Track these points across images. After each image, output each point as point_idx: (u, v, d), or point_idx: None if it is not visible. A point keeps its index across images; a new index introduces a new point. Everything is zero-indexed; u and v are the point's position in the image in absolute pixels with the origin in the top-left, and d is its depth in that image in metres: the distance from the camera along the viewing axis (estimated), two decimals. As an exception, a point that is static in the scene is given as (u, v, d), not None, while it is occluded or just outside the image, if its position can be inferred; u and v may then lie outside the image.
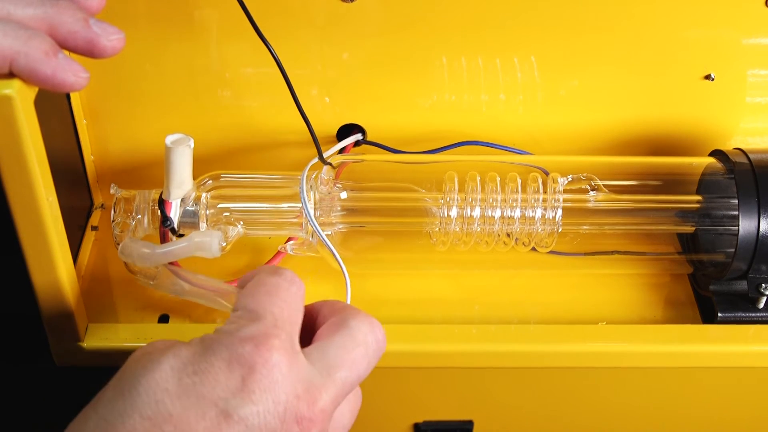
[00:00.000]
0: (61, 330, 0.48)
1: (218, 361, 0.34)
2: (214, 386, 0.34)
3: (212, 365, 0.34)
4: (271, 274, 0.39)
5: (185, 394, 0.33)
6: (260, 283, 0.39)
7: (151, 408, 0.33)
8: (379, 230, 0.55)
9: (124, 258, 0.50)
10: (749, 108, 0.60)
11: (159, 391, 0.33)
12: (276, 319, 0.37)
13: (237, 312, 0.38)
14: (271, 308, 0.37)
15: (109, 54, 0.40)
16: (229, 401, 0.33)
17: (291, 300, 0.38)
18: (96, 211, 0.60)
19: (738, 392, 0.60)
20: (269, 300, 0.38)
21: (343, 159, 0.56)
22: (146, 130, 0.59)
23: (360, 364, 0.38)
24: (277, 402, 0.34)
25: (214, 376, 0.34)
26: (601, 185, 0.55)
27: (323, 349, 0.38)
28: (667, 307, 0.57)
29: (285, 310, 0.38)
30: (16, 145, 0.39)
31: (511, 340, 0.52)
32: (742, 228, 0.52)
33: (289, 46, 0.55)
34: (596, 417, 0.61)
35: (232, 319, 0.37)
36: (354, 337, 0.38)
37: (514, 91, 0.59)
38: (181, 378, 0.34)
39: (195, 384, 0.34)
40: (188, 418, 0.33)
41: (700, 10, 0.56)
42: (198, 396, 0.33)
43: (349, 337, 0.38)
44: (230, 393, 0.34)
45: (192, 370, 0.34)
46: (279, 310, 0.37)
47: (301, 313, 0.39)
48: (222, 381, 0.34)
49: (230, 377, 0.34)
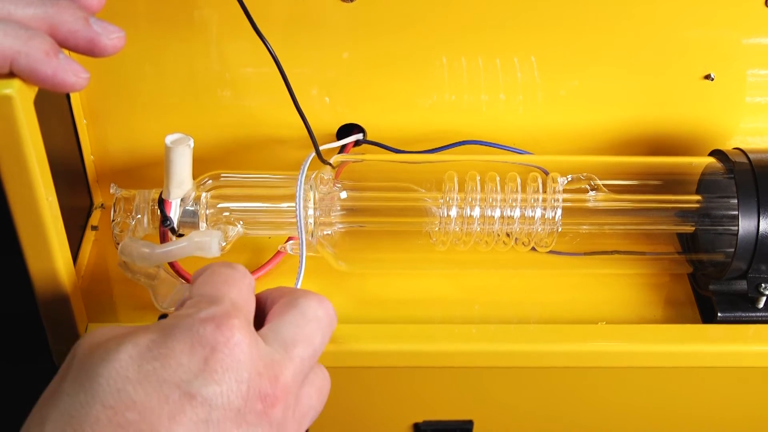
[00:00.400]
0: (61, 330, 0.48)
1: (179, 344, 0.34)
2: (176, 369, 0.34)
3: (173, 349, 0.34)
4: (223, 266, 0.40)
5: (146, 379, 0.33)
6: (214, 272, 0.40)
7: (113, 397, 0.33)
8: (379, 230, 0.55)
9: (124, 257, 0.50)
10: (749, 108, 0.60)
11: (120, 379, 0.33)
12: (233, 302, 0.37)
13: (193, 299, 0.38)
14: (228, 293, 0.38)
15: (110, 53, 0.40)
16: (192, 383, 0.34)
17: (245, 289, 0.39)
18: (96, 210, 0.60)
19: (738, 392, 0.60)
20: (225, 287, 0.38)
21: (343, 159, 0.57)
22: (146, 130, 0.59)
23: (314, 338, 0.39)
24: (239, 380, 0.34)
25: (176, 359, 0.34)
26: (601, 185, 0.55)
27: (276, 328, 0.38)
28: (667, 307, 0.57)
29: (240, 297, 0.38)
30: (16, 145, 0.39)
31: (511, 340, 0.52)
32: (742, 228, 0.52)
33: (288, 46, 0.55)
34: (596, 417, 0.61)
35: (189, 304, 0.37)
36: (304, 313, 0.39)
37: (514, 91, 0.59)
38: (141, 365, 0.34)
39: (156, 369, 0.34)
40: (151, 404, 0.33)
41: (700, 10, 0.56)
42: (160, 380, 0.33)
43: (300, 315, 0.39)
44: (192, 374, 0.34)
45: (152, 356, 0.34)
46: (235, 295, 0.38)
47: (253, 303, 0.40)
48: (184, 363, 0.34)
49: (192, 359, 0.34)
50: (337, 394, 0.60)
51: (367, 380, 0.57)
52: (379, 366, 0.53)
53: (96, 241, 0.59)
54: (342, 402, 0.60)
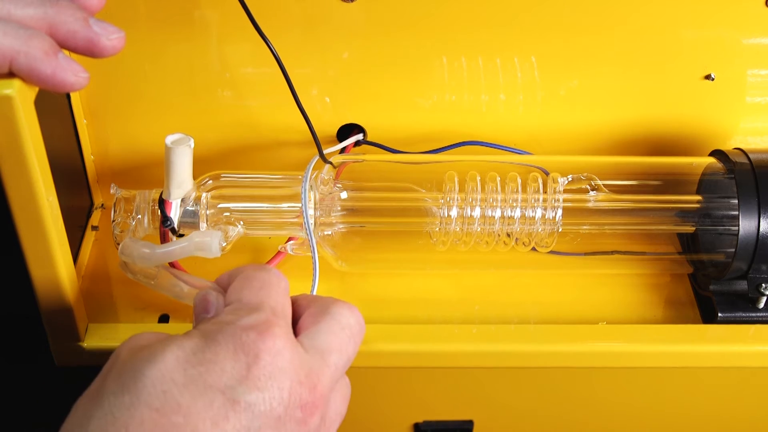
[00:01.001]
0: (61, 330, 0.48)
1: (223, 350, 0.35)
2: (221, 375, 0.34)
3: (217, 354, 0.34)
4: (259, 269, 0.40)
5: (192, 383, 0.34)
6: (251, 277, 0.40)
7: (159, 399, 0.33)
8: (379, 230, 0.55)
9: (124, 258, 0.50)
10: (749, 108, 0.60)
11: (166, 382, 0.33)
12: (273, 309, 0.37)
13: (232, 305, 0.38)
14: (267, 300, 0.38)
15: (110, 53, 0.40)
16: (236, 389, 0.34)
17: (282, 293, 0.39)
18: (96, 211, 0.60)
19: (738, 392, 0.60)
20: (264, 292, 0.38)
21: (344, 159, 0.57)
22: (146, 130, 0.59)
23: (348, 346, 0.39)
24: (281, 388, 0.35)
25: (220, 365, 0.34)
26: (601, 185, 0.55)
27: (312, 336, 0.38)
28: (667, 307, 0.57)
29: (279, 302, 0.38)
30: (16, 145, 0.39)
31: (511, 340, 0.52)
32: (743, 228, 0.52)
33: (289, 46, 0.55)
34: (596, 417, 0.61)
35: (228, 311, 0.38)
36: (339, 321, 0.39)
37: (514, 91, 0.59)
38: (187, 369, 0.34)
39: (201, 374, 0.34)
40: (197, 407, 0.33)
41: (700, 10, 0.56)
42: (205, 385, 0.34)
43: (334, 322, 0.39)
44: (236, 381, 0.34)
45: (197, 360, 0.34)
46: (274, 301, 0.38)
47: (290, 306, 0.40)
48: (228, 369, 0.34)
49: (236, 366, 0.34)
50: (337, 394, 0.60)
51: (367, 380, 0.57)
52: (379, 366, 0.53)
53: (96, 241, 0.59)
54: (342, 402, 0.60)
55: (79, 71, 0.39)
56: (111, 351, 0.49)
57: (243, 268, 0.41)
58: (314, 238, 0.52)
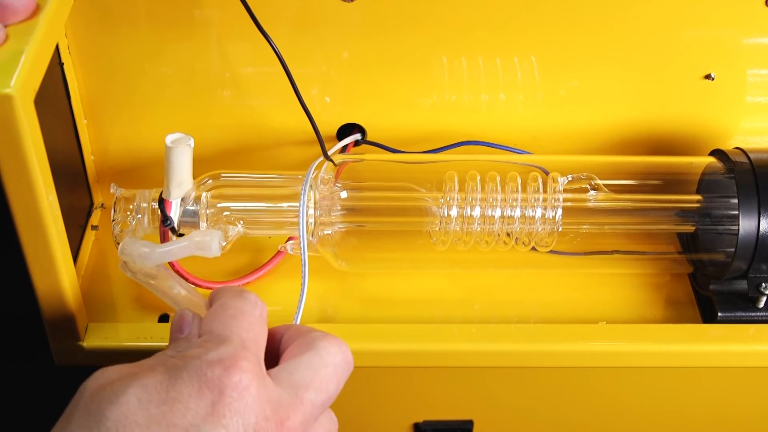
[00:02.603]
0: (61, 330, 0.48)
1: (187, 387, 0.34)
2: (184, 413, 0.33)
3: (181, 393, 0.34)
4: (235, 297, 0.39)
5: (155, 424, 0.33)
6: (225, 306, 0.39)
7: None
8: (379, 230, 0.55)
9: (124, 257, 0.50)
10: (749, 108, 0.60)
11: (128, 423, 0.33)
12: (243, 341, 0.37)
13: (203, 336, 0.37)
14: (238, 330, 0.37)
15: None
16: (200, 427, 0.33)
17: (256, 323, 0.38)
18: (96, 210, 0.60)
19: (738, 392, 0.60)
20: (234, 323, 0.38)
21: (344, 158, 0.57)
22: (146, 130, 0.59)
23: (329, 384, 0.38)
24: (246, 424, 0.34)
25: (183, 403, 0.34)
26: (601, 185, 0.55)
27: (291, 369, 0.38)
28: (667, 306, 0.57)
29: (251, 332, 0.37)
30: (16, 145, 0.39)
31: (511, 340, 0.52)
32: (742, 227, 0.52)
33: (289, 46, 0.55)
34: (596, 417, 0.61)
35: (198, 343, 0.37)
36: (322, 357, 0.38)
37: (514, 91, 0.59)
38: (149, 408, 0.33)
39: (164, 413, 0.33)
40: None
41: (700, 10, 0.56)
42: (168, 424, 0.33)
43: (317, 358, 0.38)
44: (200, 418, 0.33)
45: (159, 400, 0.34)
46: (245, 332, 0.37)
47: (265, 336, 0.39)
48: (192, 407, 0.34)
49: (200, 403, 0.34)
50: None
51: (367, 380, 0.57)
52: (379, 366, 0.53)
53: (96, 241, 0.59)
54: (342, 402, 0.60)
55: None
56: (111, 351, 0.50)
57: (222, 291, 0.40)
58: (306, 238, 0.52)
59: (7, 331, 0.69)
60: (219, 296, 0.40)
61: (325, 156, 0.54)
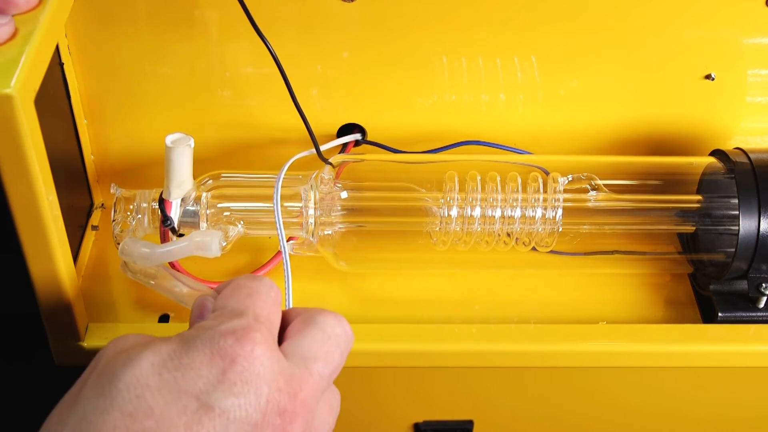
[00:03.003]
0: (61, 330, 0.48)
1: (199, 355, 0.34)
2: (196, 380, 0.34)
3: (193, 359, 0.34)
4: (250, 279, 0.40)
5: (166, 388, 0.33)
6: (239, 285, 0.39)
7: (132, 404, 0.33)
8: (380, 230, 0.55)
9: (124, 257, 0.50)
10: (749, 108, 0.60)
11: (140, 386, 0.33)
12: (257, 315, 0.37)
13: (216, 311, 0.38)
14: (252, 307, 0.38)
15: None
16: (210, 394, 0.33)
17: (270, 303, 0.39)
18: (96, 210, 0.60)
19: (738, 392, 0.60)
20: (249, 301, 0.38)
21: (344, 158, 0.57)
22: (146, 130, 0.59)
23: (333, 355, 0.38)
24: (258, 394, 0.34)
25: (195, 370, 0.34)
26: (601, 185, 0.55)
27: (296, 344, 0.38)
28: (667, 307, 0.57)
29: (264, 310, 0.38)
30: (16, 145, 0.39)
31: (511, 340, 0.52)
32: (743, 228, 0.52)
33: (289, 46, 0.55)
34: (596, 417, 0.61)
35: (212, 317, 0.37)
36: (324, 330, 0.39)
37: (514, 91, 0.59)
38: (161, 373, 0.34)
39: (176, 378, 0.34)
40: (170, 413, 0.33)
41: (700, 10, 0.56)
42: (179, 390, 0.33)
43: (319, 331, 0.39)
44: (211, 386, 0.34)
45: (173, 365, 0.34)
46: (259, 309, 0.38)
47: (279, 316, 0.39)
48: (203, 374, 0.34)
49: (211, 370, 0.34)
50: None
51: (367, 380, 0.57)
52: (379, 366, 0.53)
53: (96, 241, 0.59)
54: (342, 402, 0.60)
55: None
56: (111, 351, 0.50)
57: (235, 278, 0.41)
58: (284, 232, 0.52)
59: (7, 331, 0.69)
60: (233, 279, 0.40)
61: (319, 155, 0.54)
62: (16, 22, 0.41)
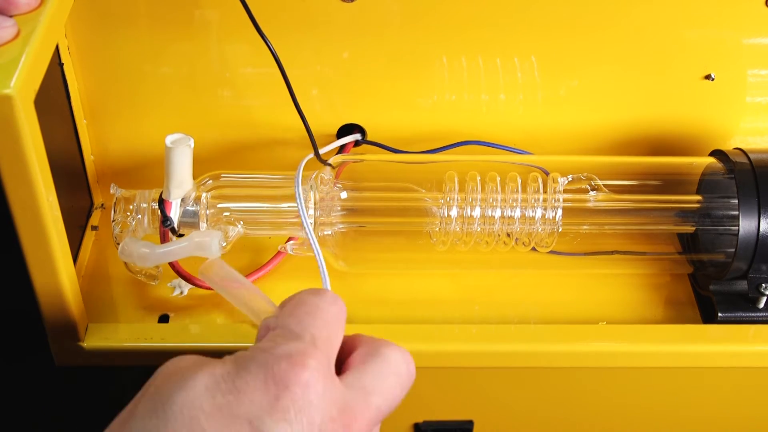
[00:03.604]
0: (61, 330, 0.48)
1: (253, 380, 0.34)
2: (249, 406, 0.33)
3: (247, 384, 0.34)
4: (312, 294, 0.39)
5: (219, 412, 0.33)
6: (301, 302, 0.38)
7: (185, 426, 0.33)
8: (379, 230, 0.55)
9: (124, 258, 0.50)
10: (749, 108, 0.60)
11: (193, 409, 0.33)
12: (315, 339, 0.36)
13: (275, 330, 0.37)
14: (311, 328, 0.37)
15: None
16: (264, 420, 0.33)
17: (332, 321, 0.38)
18: (96, 211, 0.60)
19: (738, 392, 0.60)
20: (309, 320, 0.37)
21: (343, 159, 0.57)
22: (146, 130, 0.59)
23: (394, 391, 0.38)
24: (311, 423, 0.34)
25: (248, 395, 0.34)
26: (601, 185, 0.55)
27: (359, 375, 0.37)
28: (667, 307, 0.57)
29: (324, 331, 0.37)
30: (16, 145, 0.39)
31: (511, 340, 0.52)
32: (743, 228, 0.52)
33: (289, 46, 0.55)
34: (596, 417, 0.61)
35: (269, 337, 0.37)
36: (389, 364, 0.38)
37: (514, 91, 0.59)
38: (215, 396, 0.33)
39: (229, 403, 0.33)
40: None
41: (700, 10, 0.56)
42: (232, 415, 0.33)
43: (384, 364, 0.38)
44: (265, 412, 0.33)
45: (226, 389, 0.34)
46: (318, 330, 0.37)
47: (340, 336, 0.38)
48: (256, 400, 0.33)
49: (264, 396, 0.34)
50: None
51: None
52: (379, 366, 0.53)
53: (96, 241, 0.59)
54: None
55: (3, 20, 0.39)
56: (111, 351, 0.50)
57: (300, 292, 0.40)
58: (312, 232, 0.52)
59: (7, 332, 0.69)
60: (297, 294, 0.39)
61: (317, 157, 0.54)
62: (16, 22, 0.41)
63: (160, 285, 0.55)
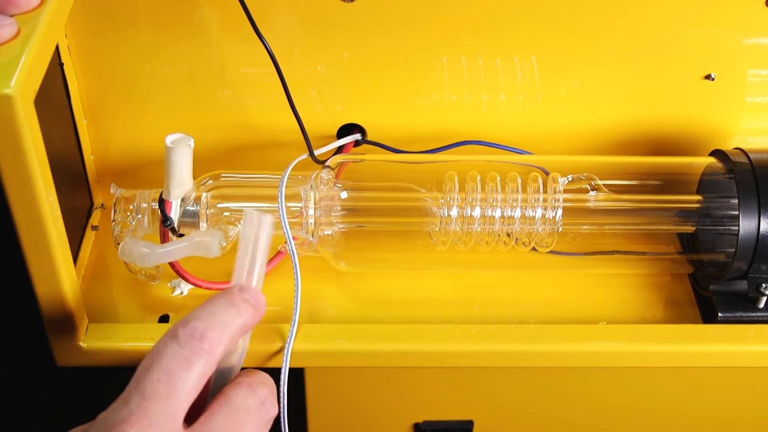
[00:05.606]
0: (61, 330, 0.48)
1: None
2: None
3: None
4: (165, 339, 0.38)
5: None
6: (153, 350, 0.38)
7: None
8: (380, 230, 0.55)
9: (124, 258, 0.50)
10: (749, 108, 0.60)
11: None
12: (145, 397, 0.36)
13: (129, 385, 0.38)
14: (143, 383, 0.37)
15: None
16: None
17: (174, 370, 0.37)
18: (96, 210, 0.60)
19: (738, 392, 0.60)
20: (144, 372, 0.37)
21: (343, 159, 0.57)
22: (146, 130, 0.59)
23: (243, 425, 0.39)
24: None
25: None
26: (601, 185, 0.55)
27: (206, 424, 0.38)
28: (667, 307, 0.57)
29: (163, 385, 0.37)
30: (16, 145, 0.39)
31: (511, 340, 0.52)
32: (743, 228, 0.52)
33: (289, 46, 0.55)
34: (596, 417, 0.61)
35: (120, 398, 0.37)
36: (232, 403, 0.39)
37: (514, 91, 0.59)
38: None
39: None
40: None
41: (700, 10, 0.56)
42: None
43: (228, 406, 0.39)
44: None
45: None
46: (152, 384, 0.37)
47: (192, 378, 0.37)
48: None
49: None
50: (337, 394, 0.60)
51: (367, 380, 0.57)
52: (379, 366, 0.53)
53: (96, 241, 0.59)
54: (342, 402, 0.60)
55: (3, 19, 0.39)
56: (111, 351, 0.50)
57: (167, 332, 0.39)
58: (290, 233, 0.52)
59: (7, 332, 0.69)
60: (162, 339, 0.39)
61: (312, 157, 0.54)
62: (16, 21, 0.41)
63: (160, 285, 0.55)
